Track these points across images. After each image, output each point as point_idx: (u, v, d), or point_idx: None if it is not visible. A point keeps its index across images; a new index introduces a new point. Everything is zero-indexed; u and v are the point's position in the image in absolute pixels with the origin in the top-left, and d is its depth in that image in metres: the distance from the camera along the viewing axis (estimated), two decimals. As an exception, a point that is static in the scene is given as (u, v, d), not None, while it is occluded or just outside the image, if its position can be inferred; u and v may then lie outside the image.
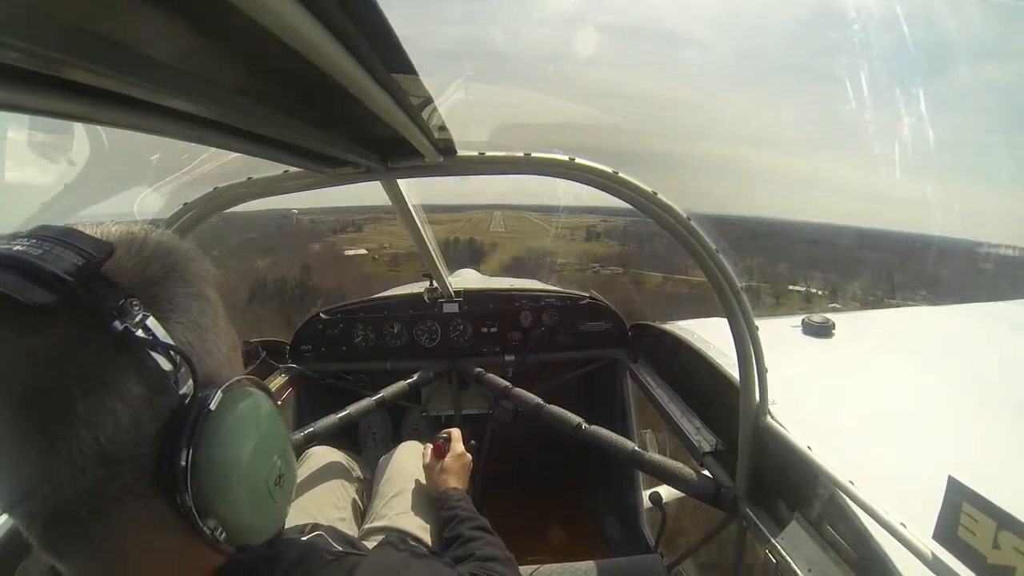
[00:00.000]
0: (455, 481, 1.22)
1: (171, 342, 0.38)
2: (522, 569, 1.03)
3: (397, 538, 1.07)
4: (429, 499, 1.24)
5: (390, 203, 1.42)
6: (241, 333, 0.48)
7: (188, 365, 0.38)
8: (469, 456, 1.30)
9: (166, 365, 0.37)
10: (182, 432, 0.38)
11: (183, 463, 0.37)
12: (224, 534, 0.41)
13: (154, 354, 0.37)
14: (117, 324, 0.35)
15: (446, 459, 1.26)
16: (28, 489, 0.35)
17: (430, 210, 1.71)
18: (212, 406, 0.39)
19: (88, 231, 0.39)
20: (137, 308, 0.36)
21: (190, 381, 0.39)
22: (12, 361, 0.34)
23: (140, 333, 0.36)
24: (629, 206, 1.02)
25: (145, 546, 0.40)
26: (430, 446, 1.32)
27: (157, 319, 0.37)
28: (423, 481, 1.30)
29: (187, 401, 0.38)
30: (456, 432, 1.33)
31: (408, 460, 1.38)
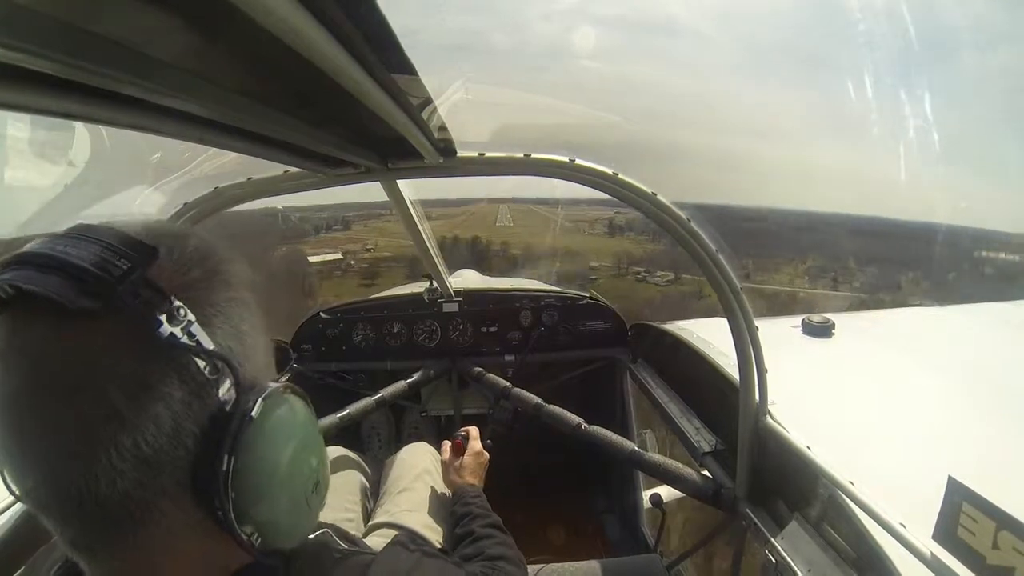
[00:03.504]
0: (472, 478, 1.23)
1: (215, 348, 0.38)
2: None
3: (407, 537, 1.08)
4: (435, 498, 1.25)
5: (387, 200, 1.42)
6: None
7: (231, 371, 0.38)
8: (487, 455, 1.31)
9: (209, 371, 0.37)
10: (224, 439, 0.38)
11: (224, 470, 0.37)
12: (259, 540, 0.40)
13: (197, 359, 0.37)
14: (164, 329, 0.35)
15: (464, 456, 1.27)
16: (65, 488, 0.35)
17: (430, 205, 1.71)
18: (254, 414, 0.39)
19: (130, 230, 0.39)
20: (183, 313, 0.36)
21: (231, 387, 0.39)
22: (57, 362, 0.34)
23: (185, 339, 0.36)
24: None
25: (176, 548, 0.40)
26: (448, 443, 1.33)
27: (200, 324, 0.37)
28: (429, 480, 1.31)
29: (228, 408, 0.38)
30: (474, 430, 1.34)
31: (415, 459, 1.38)
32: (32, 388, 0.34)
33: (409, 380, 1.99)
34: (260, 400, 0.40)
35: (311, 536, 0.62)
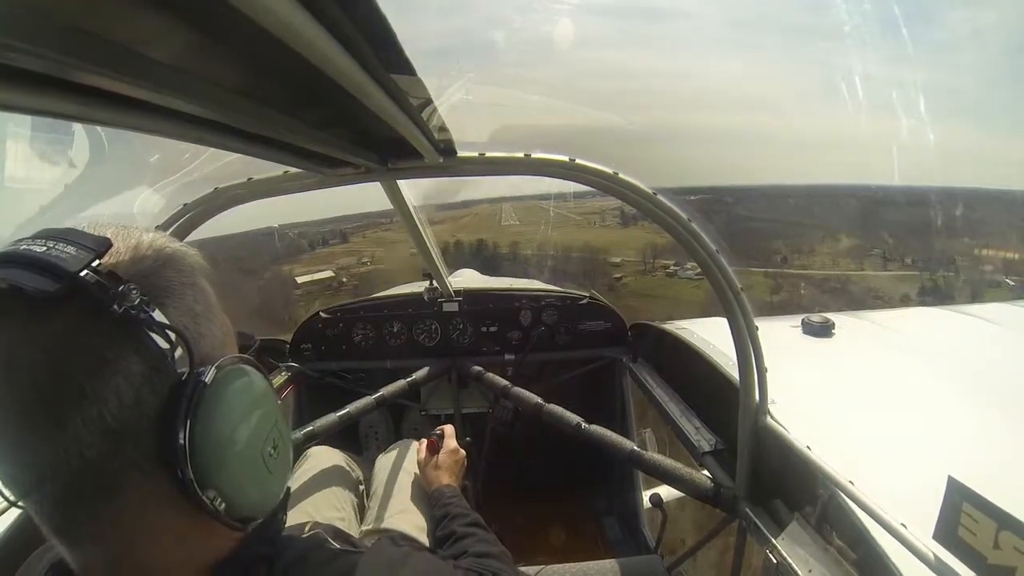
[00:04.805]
0: (448, 478, 1.22)
1: (167, 322, 0.40)
2: (522, 570, 1.03)
3: (397, 536, 1.07)
4: (424, 498, 1.24)
5: (387, 207, 1.42)
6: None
7: (184, 344, 0.41)
8: (463, 452, 1.30)
9: (164, 345, 0.40)
10: (180, 406, 0.40)
11: (182, 435, 0.39)
12: (223, 504, 0.42)
13: (152, 335, 0.39)
14: (116, 307, 0.37)
15: (439, 455, 1.26)
16: (39, 468, 0.37)
17: (431, 210, 1.71)
18: (207, 380, 0.41)
19: (91, 230, 0.42)
20: (135, 293, 0.39)
21: (186, 358, 0.41)
22: (22, 348, 0.36)
23: (139, 315, 0.39)
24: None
25: (151, 526, 0.41)
26: (424, 442, 1.32)
27: (154, 304, 0.40)
28: (418, 480, 1.30)
29: (184, 378, 0.41)
30: (449, 429, 1.34)
31: (404, 459, 1.38)
32: (4, 376, 0.36)
33: (409, 379, 1.99)
34: (213, 368, 0.42)
35: (303, 535, 0.62)
